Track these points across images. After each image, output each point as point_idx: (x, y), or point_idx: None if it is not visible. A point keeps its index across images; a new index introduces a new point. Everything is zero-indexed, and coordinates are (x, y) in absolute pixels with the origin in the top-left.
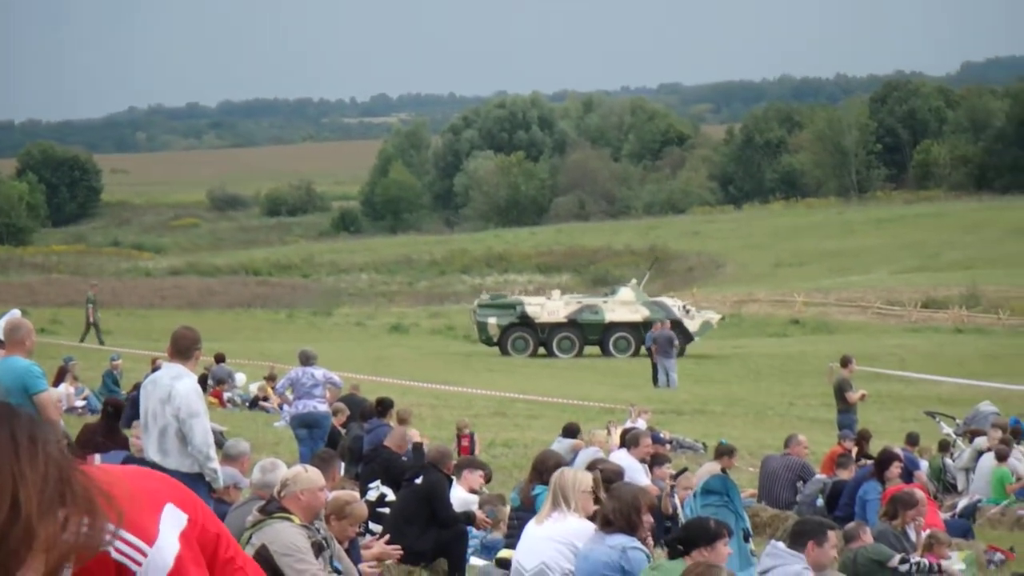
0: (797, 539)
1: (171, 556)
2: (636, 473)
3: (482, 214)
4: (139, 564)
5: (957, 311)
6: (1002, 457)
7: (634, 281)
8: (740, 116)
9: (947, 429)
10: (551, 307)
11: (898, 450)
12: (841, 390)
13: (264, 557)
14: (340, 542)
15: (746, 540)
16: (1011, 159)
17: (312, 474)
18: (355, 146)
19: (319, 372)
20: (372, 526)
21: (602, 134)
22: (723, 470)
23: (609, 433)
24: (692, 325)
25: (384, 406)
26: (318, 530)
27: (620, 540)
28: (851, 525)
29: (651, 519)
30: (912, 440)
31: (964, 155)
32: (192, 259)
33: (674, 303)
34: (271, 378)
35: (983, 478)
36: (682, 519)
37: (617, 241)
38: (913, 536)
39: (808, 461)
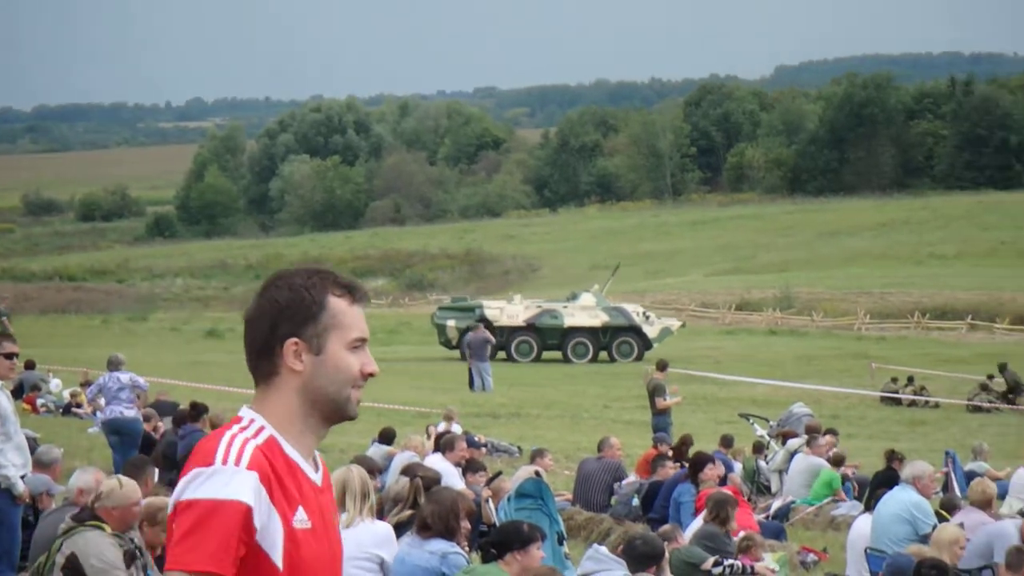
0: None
1: None
2: (451, 478)
3: (298, 218)
4: None
5: (771, 313)
6: (837, 462)
7: (596, 287)
8: (555, 120)
9: (760, 431)
10: (511, 311)
11: (712, 452)
12: (655, 393)
13: (73, 566)
14: (153, 549)
15: (560, 543)
16: (824, 162)
17: (127, 490)
18: (170, 151)
19: (125, 376)
20: None
21: (418, 138)
22: (537, 473)
23: (429, 436)
24: (651, 331)
25: (197, 411)
26: (131, 539)
27: (439, 545)
28: (665, 527)
29: (468, 524)
30: (726, 442)
31: (778, 158)
32: (6, 264)
33: (634, 309)
34: (85, 384)
35: (796, 479)
36: (496, 523)
37: (433, 245)
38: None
39: (623, 463)
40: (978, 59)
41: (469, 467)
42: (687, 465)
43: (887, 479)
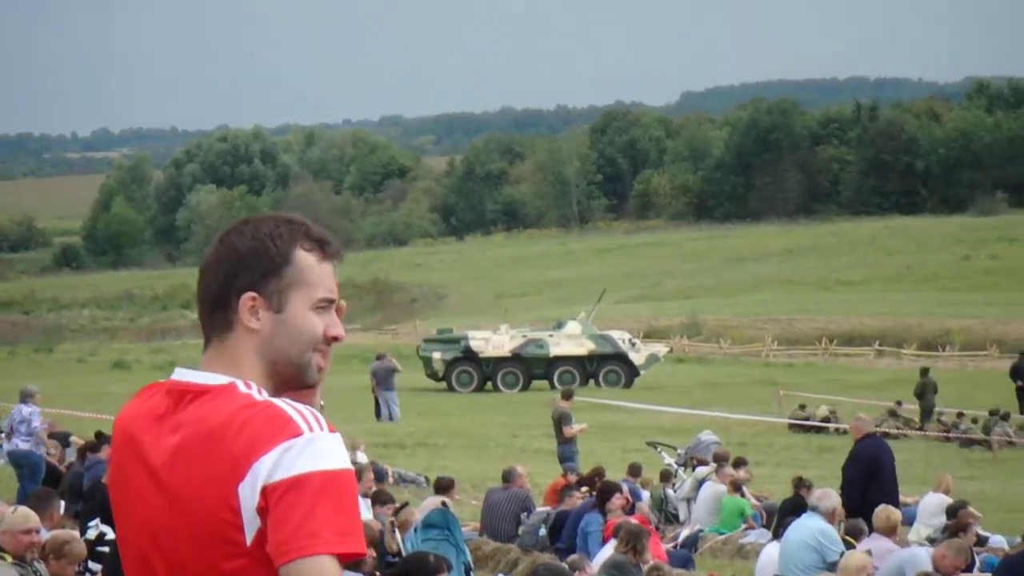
0: None
1: None
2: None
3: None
4: None
5: (678, 340)
6: (737, 487)
7: (582, 314)
8: (461, 148)
9: (668, 459)
10: (496, 341)
11: (620, 481)
12: (561, 422)
13: None
14: None
15: (467, 574)
16: (730, 188)
17: (18, 516)
18: (77, 181)
19: (27, 410)
20: (92, 565)
21: (324, 167)
22: (444, 503)
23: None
24: (638, 358)
25: (100, 442)
26: (36, 571)
27: None
28: (573, 557)
29: (374, 553)
30: (634, 471)
31: (684, 184)
32: None
33: (620, 336)
34: None
35: (704, 507)
36: (403, 553)
37: (339, 274)
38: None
39: (530, 493)
40: (883, 84)
41: (377, 498)
42: (595, 494)
43: (795, 507)
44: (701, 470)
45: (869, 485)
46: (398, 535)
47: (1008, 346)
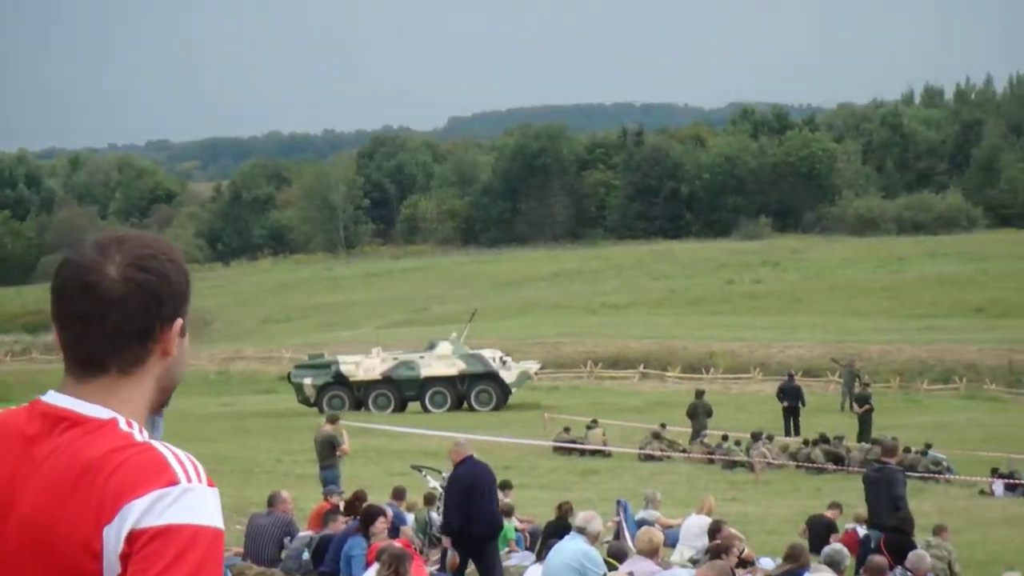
0: None
1: None
2: None
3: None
4: None
5: None
6: (507, 513)
7: (454, 335)
8: (228, 173)
9: (433, 483)
10: (367, 364)
11: (384, 505)
12: (330, 444)
13: None
14: None
15: None
16: (497, 212)
17: None
18: None
19: None
20: None
21: (89, 191)
22: None
23: None
24: (508, 376)
25: None
26: None
27: None
28: None
29: None
30: (398, 494)
31: (451, 209)
32: None
33: (492, 354)
34: None
35: None
36: None
37: None
38: None
39: (294, 518)
40: (649, 109)
41: None
42: (358, 518)
43: (558, 529)
44: None
45: (470, 506)
46: None
47: (771, 369)
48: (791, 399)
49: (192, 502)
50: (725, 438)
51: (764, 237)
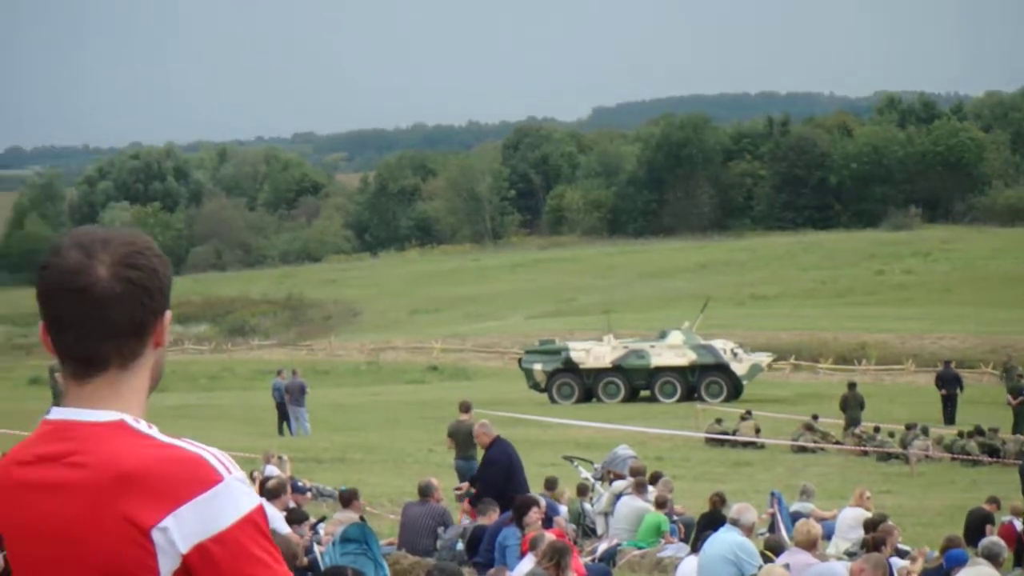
0: None
1: None
2: (277, 522)
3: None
4: None
5: None
6: (660, 504)
7: (686, 324)
8: (374, 164)
9: (585, 473)
10: (597, 352)
11: (537, 495)
12: (470, 434)
13: None
14: None
15: None
16: (643, 203)
17: None
18: None
19: None
20: None
21: (237, 184)
22: (361, 518)
23: (254, 481)
24: (740, 368)
25: None
26: None
27: None
28: (492, 571)
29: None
30: (550, 485)
31: (596, 200)
32: None
33: (723, 345)
34: None
35: (621, 522)
36: (322, 567)
37: (254, 290)
38: None
39: (447, 508)
40: (794, 99)
41: (292, 517)
42: (512, 509)
43: (712, 521)
44: (618, 484)
45: (507, 485)
46: (316, 550)
47: (923, 360)
48: (949, 386)
49: (238, 493)
50: (877, 430)
51: (914, 227)
